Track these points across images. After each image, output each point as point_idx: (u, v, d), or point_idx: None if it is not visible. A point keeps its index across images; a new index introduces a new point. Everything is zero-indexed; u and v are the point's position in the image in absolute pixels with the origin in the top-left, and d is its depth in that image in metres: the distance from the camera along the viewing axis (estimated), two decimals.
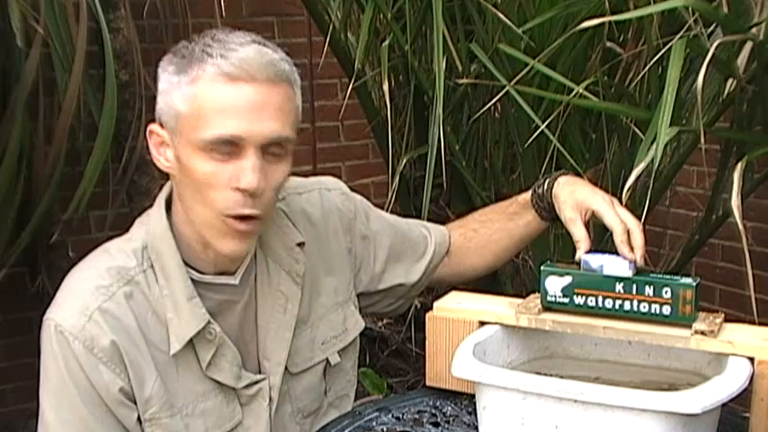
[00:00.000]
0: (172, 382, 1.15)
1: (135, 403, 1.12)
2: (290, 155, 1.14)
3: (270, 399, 1.22)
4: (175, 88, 1.09)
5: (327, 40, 1.82)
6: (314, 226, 1.30)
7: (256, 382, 1.21)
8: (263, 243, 1.23)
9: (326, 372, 1.30)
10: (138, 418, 1.13)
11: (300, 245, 1.26)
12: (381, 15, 1.87)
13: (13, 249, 2.19)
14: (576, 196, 1.27)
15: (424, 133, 1.94)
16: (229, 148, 1.07)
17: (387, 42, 1.82)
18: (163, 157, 1.14)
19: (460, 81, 1.82)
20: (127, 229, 1.22)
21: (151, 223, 1.18)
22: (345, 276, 1.33)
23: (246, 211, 1.09)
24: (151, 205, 1.21)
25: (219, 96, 1.06)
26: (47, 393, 1.12)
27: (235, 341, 1.19)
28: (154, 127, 1.14)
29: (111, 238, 1.23)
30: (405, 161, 1.96)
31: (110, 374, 1.10)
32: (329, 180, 1.37)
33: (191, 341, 1.14)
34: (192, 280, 1.16)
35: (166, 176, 1.18)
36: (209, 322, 1.15)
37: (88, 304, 1.11)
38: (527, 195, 1.36)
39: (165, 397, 1.14)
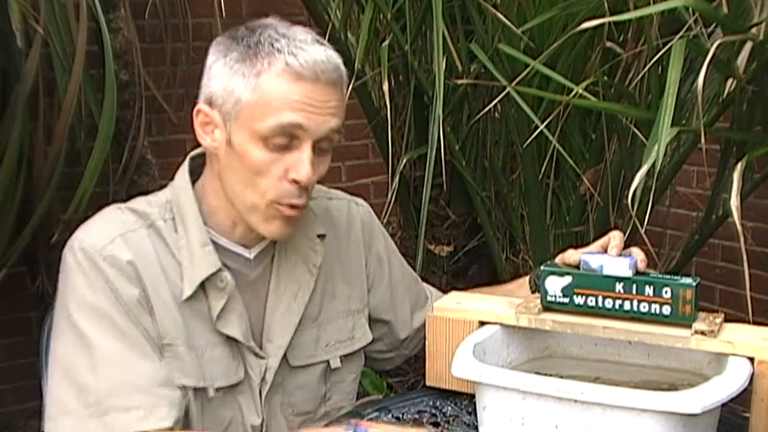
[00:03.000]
0: (187, 322, 1.17)
1: (153, 312, 1.14)
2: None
3: (263, 379, 1.22)
4: (237, 75, 1.12)
5: (327, 39, 1.81)
6: (336, 229, 1.32)
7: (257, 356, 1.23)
8: None
9: (327, 375, 1.30)
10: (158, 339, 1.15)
11: (321, 237, 1.29)
12: (381, 15, 1.87)
13: (13, 249, 2.18)
14: None
15: (424, 133, 1.93)
16: (287, 139, 1.12)
17: (387, 42, 1.82)
18: (209, 137, 1.17)
19: (460, 81, 1.82)
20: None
21: (175, 181, 1.22)
22: (361, 288, 1.34)
23: (298, 202, 1.15)
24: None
25: (285, 90, 1.10)
26: (76, 306, 1.13)
27: None
28: (202, 107, 1.17)
29: None
30: (405, 161, 1.96)
31: (130, 286, 1.12)
32: (360, 199, 1.40)
33: (203, 288, 1.17)
34: (212, 241, 1.19)
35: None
36: (220, 269, 1.17)
37: (111, 231, 1.15)
38: (526, 278, 1.41)
39: (182, 328, 1.16)
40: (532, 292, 1.36)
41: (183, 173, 1.22)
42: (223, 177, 1.18)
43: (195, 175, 1.23)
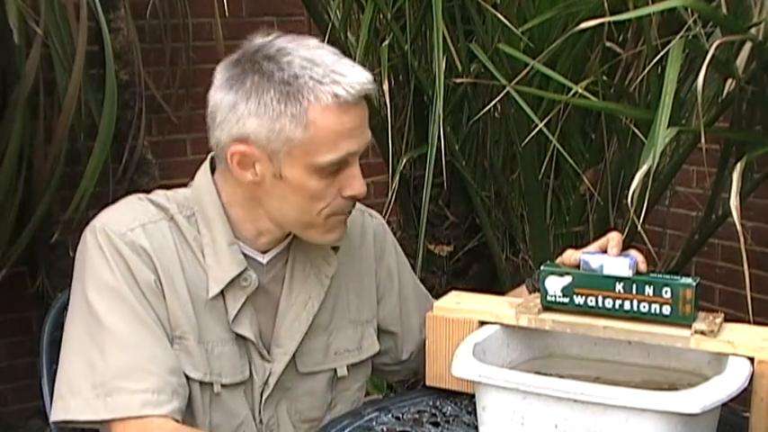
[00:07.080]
0: (199, 317, 1.18)
1: (165, 301, 1.16)
2: None
3: (266, 383, 1.23)
4: (283, 116, 1.12)
5: (327, 39, 1.82)
6: (350, 240, 1.32)
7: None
8: (300, 239, 1.26)
9: (333, 383, 1.31)
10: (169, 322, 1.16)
11: (334, 249, 1.29)
12: (381, 15, 1.87)
13: (13, 249, 2.19)
14: None
15: (423, 133, 1.94)
16: (341, 164, 1.15)
17: (387, 42, 1.82)
18: (249, 172, 1.17)
19: (460, 81, 1.82)
20: None
21: (196, 180, 1.24)
22: (370, 299, 1.35)
23: (352, 209, 1.22)
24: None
25: (336, 122, 1.13)
26: (94, 286, 1.14)
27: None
28: (238, 148, 1.15)
29: None
30: (405, 161, 1.96)
31: (147, 270, 1.14)
32: (374, 212, 1.42)
33: (221, 290, 1.19)
34: None
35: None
36: (246, 268, 1.20)
37: (133, 219, 1.17)
38: (523, 286, 1.40)
39: (194, 323, 1.17)
40: (529, 286, 1.36)
41: (205, 172, 1.24)
42: (269, 204, 1.19)
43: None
